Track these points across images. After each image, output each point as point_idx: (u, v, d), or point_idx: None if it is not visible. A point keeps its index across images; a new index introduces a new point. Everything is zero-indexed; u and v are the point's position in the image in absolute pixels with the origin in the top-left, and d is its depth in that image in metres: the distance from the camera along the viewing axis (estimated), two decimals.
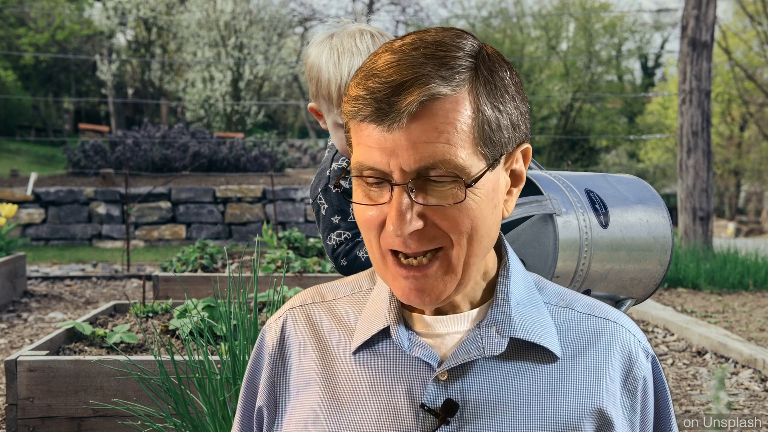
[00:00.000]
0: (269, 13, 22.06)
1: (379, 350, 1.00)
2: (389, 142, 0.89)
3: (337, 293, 1.10)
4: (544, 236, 1.65)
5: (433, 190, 0.90)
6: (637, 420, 1.00)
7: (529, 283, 1.04)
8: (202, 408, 2.35)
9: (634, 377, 1.00)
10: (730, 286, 7.62)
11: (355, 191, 0.96)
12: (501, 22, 26.61)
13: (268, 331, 1.11)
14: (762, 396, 3.96)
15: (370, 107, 0.90)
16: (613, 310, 1.06)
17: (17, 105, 26.23)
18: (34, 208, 12.38)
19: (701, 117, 9.22)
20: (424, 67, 0.89)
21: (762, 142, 25.03)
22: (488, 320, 0.98)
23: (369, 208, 0.93)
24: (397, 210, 0.89)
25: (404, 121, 0.88)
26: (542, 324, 0.99)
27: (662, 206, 1.86)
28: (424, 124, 0.88)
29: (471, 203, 0.91)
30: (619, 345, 1.01)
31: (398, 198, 0.90)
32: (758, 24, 23.33)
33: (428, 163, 0.89)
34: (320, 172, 1.91)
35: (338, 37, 1.77)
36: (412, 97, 0.88)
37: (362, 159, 0.92)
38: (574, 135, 25.56)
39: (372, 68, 0.93)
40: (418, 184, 0.90)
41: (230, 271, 2.50)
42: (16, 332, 5.40)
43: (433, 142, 0.88)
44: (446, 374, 0.96)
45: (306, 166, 19.21)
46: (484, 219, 0.93)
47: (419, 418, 0.95)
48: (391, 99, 0.89)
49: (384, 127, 0.89)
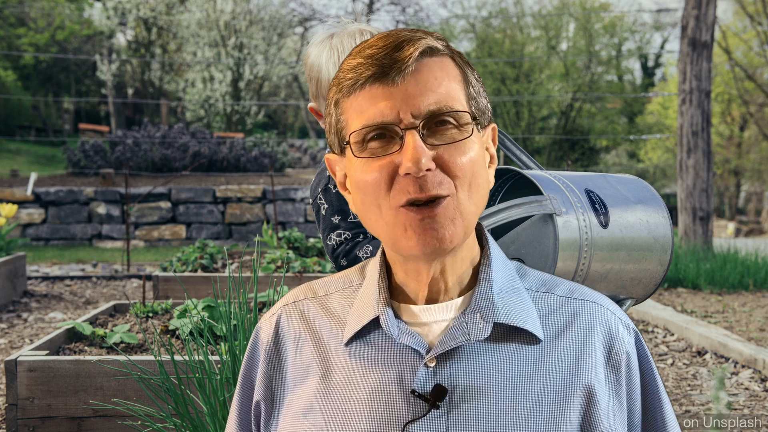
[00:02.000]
0: (269, 13, 22.06)
1: (370, 340, 1.04)
2: (396, 93, 0.96)
3: (328, 289, 1.13)
4: (544, 236, 1.66)
5: (439, 135, 0.97)
6: (623, 393, 1.02)
7: (510, 270, 1.08)
8: (202, 408, 2.35)
9: (617, 352, 1.03)
10: (730, 286, 7.62)
11: (359, 164, 0.99)
12: (501, 22, 26.60)
13: (262, 328, 1.13)
14: (762, 396, 3.96)
15: (372, 68, 0.97)
16: (593, 292, 1.09)
17: (17, 105, 26.23)
18: (34, 208, 12.38)
19: (701, 117, 9.22)
20: (414, 33, 1.00)
21: (762, 142, 25.03)
22: (472, 307, 1.01)
23: (374, 170, 0.97)
24: (413, 148, 0.95)
25: (409, 70, 0.96)
26: (524, 309, 1.03)
27: (662, 206, 1.86)
28: (426, 74, 0.97)
29: (471, 146, 0.99)
30: (599, 323, 1.04)
31: (412, 139, 0.95)
32: (758, 24, 23.33)
33: (435, 107, 0.96)
34: (320, 172, 1.91)
35: (338, 37, 1.77)
36: (412, 48, 0.97)
37: (366, 120, 0.97)
38: (574, 135, 25.55)
39: (363, 46, 1.00)
40: (426, 129, 0.97)
41: (230, 271, 2.50)
42: (16, 332, 5.40)
43: (435, 90, 0.97)
44: (434, 360, 0.99)
45: (306, 166, 19.21)
46: (480, 168, 1.00)
47: (410, 404, 0.98)
48: (392, 55, 0.96)
49: (389, 80, 0.96)
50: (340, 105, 1.01)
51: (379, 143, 0.98)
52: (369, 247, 1.78)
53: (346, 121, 1.01)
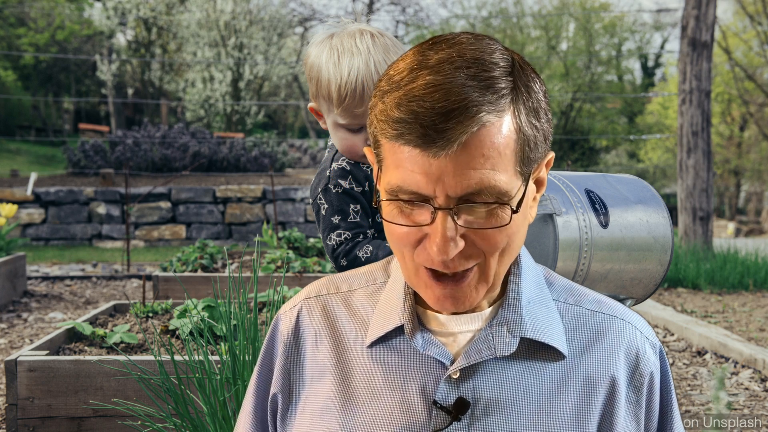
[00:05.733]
0: (269, 13, 22.06)
1: (394, 345, 1.02)
2: (434, 167, 0.88)
3: (351, 284, 1.11)
4: (544, 236, 1.65)
5: (475, 212, 0.91)
6: (642, 414, 1.02)
7: (539, 279, 1.06)
8: (202, 408, 2.35)
9: (641, 373, 1.02)
10: (730, 286, 7.62)
11: (388, 208, 0.95)
12: (501, 22, 26.60)
13: (282, 320, 1.11)
14: (762, 396, 3.96)
15: (415, 132, 0.88)
16: (621, 306, 1.08)
17: (17, 105, 26.23)
18: (34, 208, 12.38)
19: (701, 117, 9.22)
20: (471, 91, 0.87)
21: (762, 142, 25.03)
22: (499, 319, 1.00)
23: (403, 226, 0.93)
24: (442, 235, 0.89)
25: (453, 148, 0.87)
26: (551, 323, 1.01)
27: (662, 206, 1.86)
28: (472, 152, 0.88)
29: (511, 223, 0.92)
30: (626, 342, 1.03)
31: (443, 223, 0.89)
32: (758, 24, 23.33)
33: (474, 189, 0.88)
34: (320, 172, 1.90)
35: (338, 37, 1.77)
36: (463, 126, 0.86)
37: (401, 182, 0.90)
38: (574, 135, 25.55)
39: (411, 88, 0.89)
40: (461, 207, 0.90)
41: (230, 271, 2.50)
42: (16, 332, 5.40)
43: (479, 169, 0.88)
44: (458, 373, 0.98)
45: (306, 166, 19.21)
46: (519, 235, 0.95)
47: (431, 415, 0.97)
48: (439, 126, 0.87)
49: (430, 153, 0.87)
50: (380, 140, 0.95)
51: (411, 205, 0.93)
52: (369, 247, 1.78)
53: (383, 156, 0.95)
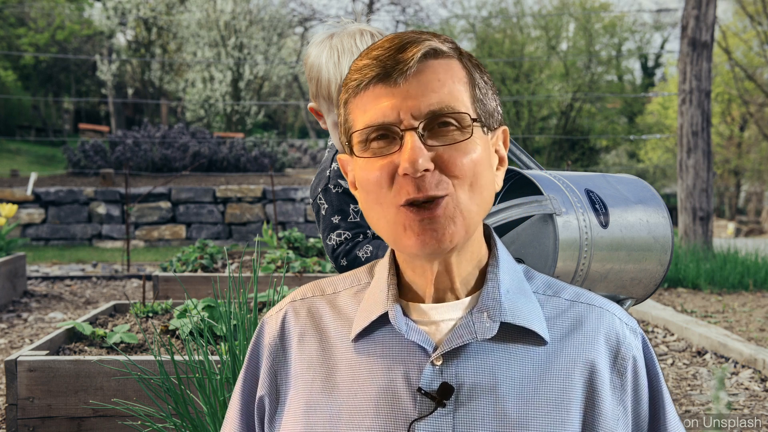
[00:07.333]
0: (269, 13, 22.06)
1: (377, 338, 1.04)
2: (397, 93, 0.97)
3: (336, 287, 1.13)
4: (544, 236, 1.65)
5: (440, 137, 0.98)
6: (628, 398, 1.03)
7: (517, 272, 1.08)
8: (202, 408, 2.35)
9: (623, 357, 1.03)
10: (730, 286, 7.62)
11: (363, 165, 1.01)
12: (501, 22, 26.59)
13: (268, 323, 1.13)
14: (762, 396, 3.96)
15: (376, 68, 0.98)
16: (600, 297, 1.10)
17: (17, 105, 26.23)
18: (34, 208, 12.38)
19: (701, 117, 9.22)
20: (421, 34, 1.01)
21: (762, 142, 25.03)
22: (479, 306, 1.02)
23: (376, 169, 0.98)
24: (411, 149, 0.96)
25: (411, 71, 0.97)
26: (531, 310, 1.04)
27: (662, 206, 1.86)
28: (428, 75, 0.98)
29: (473, 147, 0.99)
30: (605, 327, 1.05)
31: (410, 140, 0.96)
32: (758, 24, 23.33)
33: (436, 107, 0.97)
34: (320, 172, 1.90)
35: (338, 37, 1.77)
36: (416, 49, 0.98)
37: (369, 120, 0.99)
38: (574, 135, 25.55)
39: (371, 47, 1.02)
40: (426, 130, 0.97)
41: (230, 271, 2.50)
42: (16, 332, 5.40)
43: (438, 91, 0.98)
44: (441, 359, 0.99)
45: (306, 166, 19.21)
46: (483, 169, 1.00)
47: (416, 401, 0.98)
48: (396, 56, 0.98)
49: (391, 81, 0.97)
50: (348, 105, 1.03)
51: (381, 143, 0.99)
52: (369, 247, 1.78)
53: (353, 121, 1.02)
